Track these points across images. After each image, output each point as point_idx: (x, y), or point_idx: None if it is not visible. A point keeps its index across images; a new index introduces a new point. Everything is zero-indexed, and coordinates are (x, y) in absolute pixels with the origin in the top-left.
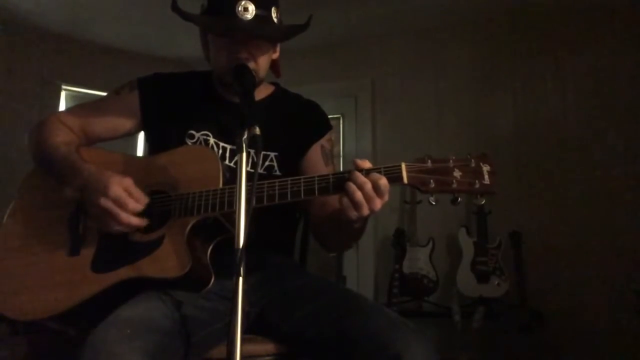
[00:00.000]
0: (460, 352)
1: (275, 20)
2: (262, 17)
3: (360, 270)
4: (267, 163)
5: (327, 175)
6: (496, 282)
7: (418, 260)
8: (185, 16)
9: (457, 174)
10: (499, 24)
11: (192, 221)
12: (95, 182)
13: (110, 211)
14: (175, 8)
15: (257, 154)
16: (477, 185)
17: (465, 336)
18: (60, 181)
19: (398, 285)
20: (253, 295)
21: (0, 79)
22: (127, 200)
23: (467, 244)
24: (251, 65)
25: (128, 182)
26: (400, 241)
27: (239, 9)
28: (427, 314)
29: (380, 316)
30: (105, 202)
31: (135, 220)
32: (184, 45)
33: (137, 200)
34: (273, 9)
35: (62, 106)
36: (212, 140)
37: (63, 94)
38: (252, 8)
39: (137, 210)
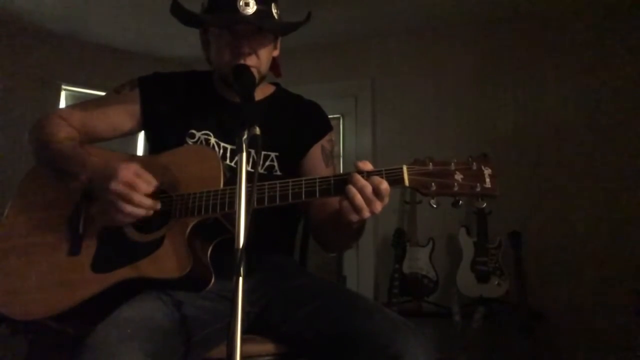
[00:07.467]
0: (460, 352)
1: (275, 16)
2: (263, 11)
3: (360, 270)
4: (267, 163)
5: (329, 177)
6: (496, 282)
7: (418, 260)
8: (186, 19)
9: (458, 176)
10: (499, 24)
11: (192, 222)
12: (104, 170)
13: (122, 194)
14: (174, 12)
15: (257, 153)
16: (479, 189)
17: (465, 336)
18: (65, 175)
19: (398, 285)
20: (253, 295)
21: (0, 79)
22: (138, 182)
23: (467, 244)
24: (253, 60)
25: (136, 166)
26: (400, 241)
27: (240, 4)
28: (427, 314)
29: (380, 316)
30: (116, 186)
31: (148, 202)
32: (184, 45)
33: (147, 181)
34: (273, 5)
35: (62, 106)
36: (213, 140)
37: (63, 94)
38: (252, 3)
39: (148, 192)
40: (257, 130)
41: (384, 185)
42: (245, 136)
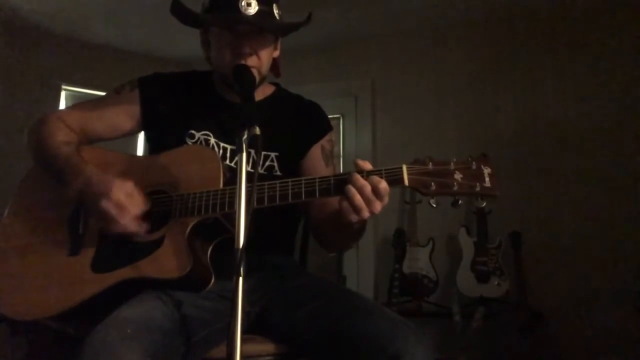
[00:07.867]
0: (460, 352)
1: (276, 16)
2: (264, 12)
3: (360, 270)
4: (267, 163)
5: (328, 177)
6: (496, 282)
7: (418, 260)
8: (186, 19)
9: (458, 176)
10: (499, 24)
11: (192, 222)
12: (97, 184)
13: (110, 215)
14: (174, 12)
15: (256, 154)
16: (478, 188)
17: (465, 336)
18: (60, 181)
19: (398, 285)
20: (253, 295)
21: (0, 79)
22: (128, 205)
23: (467, 244)
24: (253, 61)
25: (130, 186)
26: (400, 241)
27: (242, 4)
28: (427, 314)
29: (380, 316)
30: (106, 205)
31: (134, 226)
32: (184, 45)
33: (137, 205)
34: (274, 6)
35: (62, 106)
36: (212, 141)
37: (63, 94)
38: (254, 3)
39: (138, 215)
40: (257, 131)
41: (383, 184)
42: (245, 136)
